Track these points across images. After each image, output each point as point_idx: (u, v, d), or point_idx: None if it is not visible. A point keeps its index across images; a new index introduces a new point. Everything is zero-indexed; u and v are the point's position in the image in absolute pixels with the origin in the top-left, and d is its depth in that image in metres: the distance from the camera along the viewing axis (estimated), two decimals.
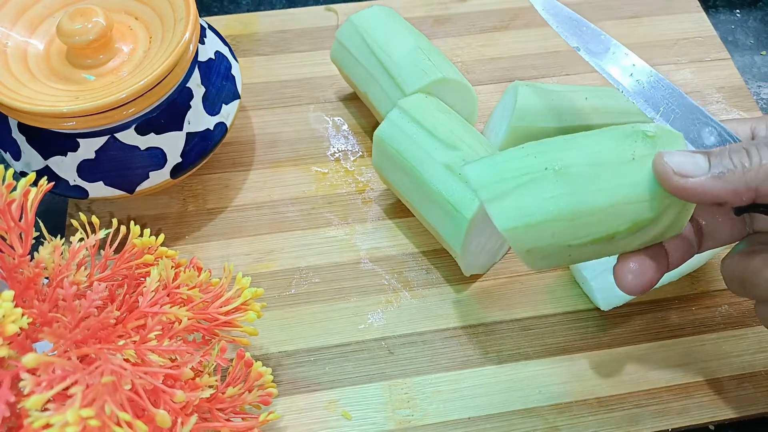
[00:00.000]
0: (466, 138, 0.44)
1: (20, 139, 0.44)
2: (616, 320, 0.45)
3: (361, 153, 0.53)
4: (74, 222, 0.39)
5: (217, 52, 0.48)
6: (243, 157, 0.53)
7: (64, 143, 0.43)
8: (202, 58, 0.46)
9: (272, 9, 0.64)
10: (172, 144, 0.44)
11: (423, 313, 0.45)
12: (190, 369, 0.33)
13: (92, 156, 0.43)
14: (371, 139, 0.51)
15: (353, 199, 0.51)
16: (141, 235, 0.39)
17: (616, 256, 0.37)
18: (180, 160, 0.45)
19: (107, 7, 0.44)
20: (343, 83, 0.57)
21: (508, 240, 0.34)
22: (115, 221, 0.40)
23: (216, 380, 0.36)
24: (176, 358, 0.34)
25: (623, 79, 0.39)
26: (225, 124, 0.47)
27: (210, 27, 0.50)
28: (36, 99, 0.40)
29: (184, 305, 0.36)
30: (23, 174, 0.44)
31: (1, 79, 0.41)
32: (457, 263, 0.46)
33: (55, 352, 0.32)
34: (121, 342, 0.33)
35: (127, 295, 0.37)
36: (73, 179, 0.44)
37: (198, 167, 0.47)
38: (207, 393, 0.34)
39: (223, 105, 0.47)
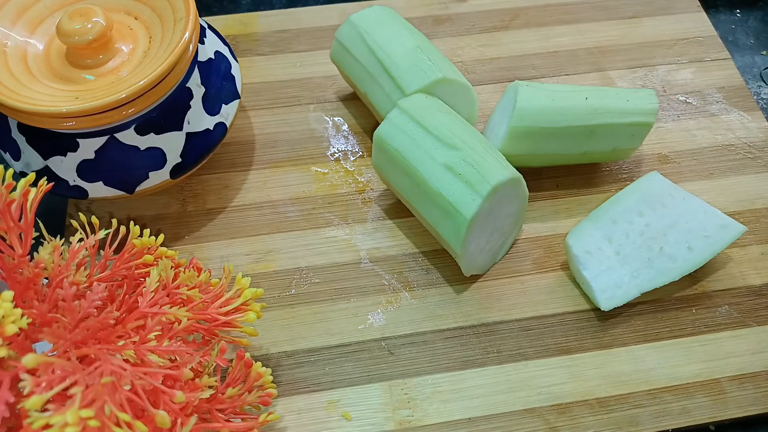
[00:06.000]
0: (466, 138, 0.44)
1: (20, 140, 0.44)
2: (616, 320, 0.45)
3: (361, 153, 0.53)
4: (74, 222, 0.39)
5: (216, 52, 0.48)
6: (243, 157, 0.53)
7: (64, 143, 0.43)
8: (201, 58, 0.46)
9: (272, 9, 0.64)
10: (172, 144, 0.44)
11: (423, 314, 0.45)
12: (190, 369, 0.33)
13: (92, 156, 0.43)
14: (371, 139, 0.51)
15: (353, 199, 0.50)
16: (141, 235, 0.39)
17: (615, 257, 0.39)
18: (180, 160, 0.45)
19: (107, 7, 0.44)
20: (343, 83, 0.57)
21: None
22: (114, 221, 0.40)
23: (216, 381, 0.36)
24: (176, 359, 0.34)
25: None
26: (225, 124, 0.47)
27: (210, 27, 0.49)
28: (36, 99, 0.40)
29: (184, 305, 0.36)
30: (23, 174, 0.44)
31: (0, 79, 0.41)
32: (457, 263, 0.46)
33: (55, 353, 0.32)
34: (121, 342, 0.33)
35: (127, 296, 0.37)
36: (73, 179, 0.44)
37: (198, 167, 0.47)
38: (207, 393, 0.34)
39: (223, 105, 0.47)
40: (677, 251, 0.43)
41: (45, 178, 0.38)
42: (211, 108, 0.46)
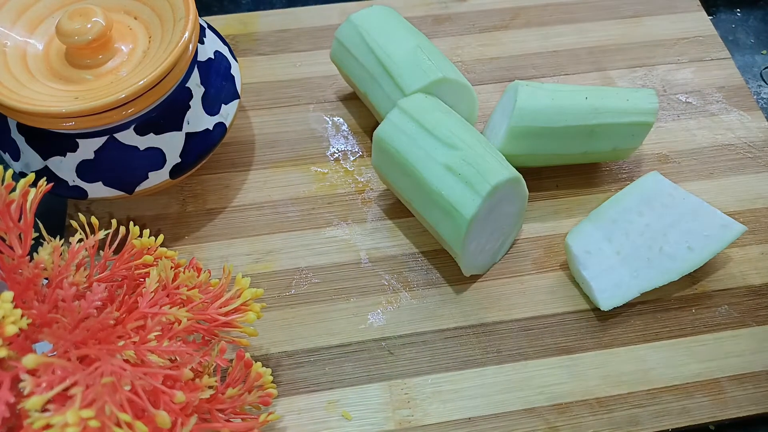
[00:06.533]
0: (466, 138, 0.44)
1: (19, 140, 0.44)
2: (616, 320, 0.45)
3: (361, 153, 0.53)
4: (73, 222, 0.39)
5: (216, 52, 0.48)
6: (242, 158, 0.53)
7: (64, 143, 0.43)
8: (201, 57, 0.46)
9: (272, 8, 0.64)
10: (172, 144, 0.44)
11: (423, 313, 0.45)
12: (190, 370, 0.33)
13: (91, 156, 0.43)
14: (371, 139, 0.51)
15: (353, 199, 0.50)
16: (140, 235, 0.39)
17: (615, 257, 0.40)
18: (179, 160, 0.45)
19: (106, 6, 0.44)
20: (343, 83, 0.57)
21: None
22: (114, 222, 0.40)
23: (216, 381, 0.36)
24: (176, 359, 0.34)
25: None
26: (224, 124, 0.47)
27: (209, 26, 0.49)
28: (35, 99, 0.40)
29: (184, 306, 0.36)
30: (22, 174, 0.44)
31: (0, 79, 0.41)
32: (457, 263, 0.46)
33: (55, 353, 0.32)
34: (121, 343, 0.33)
35: (127, 296, 0.37)
36: (73, 180, 0.44)
37: (197, 167, 0.47)
38: (207, 394, 0.34)
39: (223, 105, 0.47)
40: (677, 251, 0.43)
41: (44, 178, 0.38)
42: (211, 108, 0.46)
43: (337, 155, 0.53)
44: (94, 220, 0.39)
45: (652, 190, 0.45)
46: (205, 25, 0.49)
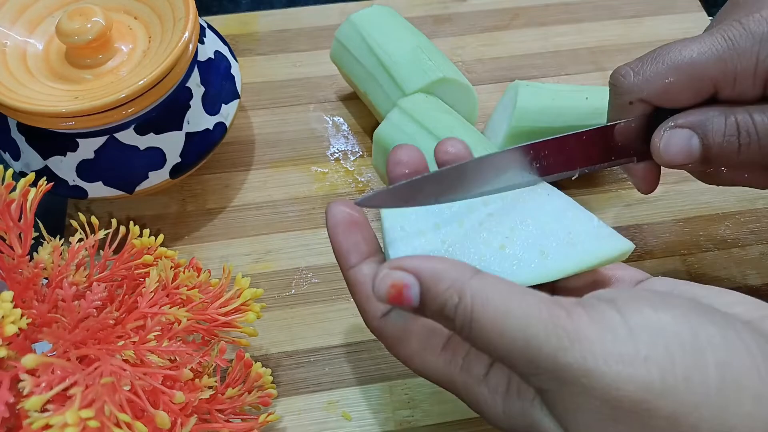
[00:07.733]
0: (466, 138, 0.43)
1: (19, 139, 0.44)
2: None
3: (361, 153, 0.53)
4: (73, 222, 0.39)
5: (216, 52, 0.48)
6: (242, 157, 0.53)
7: (64, 143, 0.43)
8: (201, 57, 0.46)
9: (272, 8, 0.64)
10: (172, 144, 0.44)
11: None
12: (190, 370, 0.33)
13: (91, 156, 0.43)
14: (371, 139, 0.50)
15: (353, 199, 0.50)
16: (140, 235, 0.39)
17: (441, 246, 0.33)
18: (179, 160, 0.45)
19: (106, 6, 0.44)
20: (343, 83, 0.57)
21: None
22: (114, 221, 0.40)
23: (215, 381, 0.36)
24: (176, 359, 0.34)
25: None
26: (224, 124, 0.47)
27: (209, 26, 0.49)
28: (35, 99, 0.40)
29: (184, 306, 0.36)
30: (22, 174, 0.44)
31: (0, 79, 0.41)
32: None
33: (55, 353, 0.32)
34: (121, 343, 0.33)
35: (127, 296, 0.37)
36: (73, 179, 0.43)
37: (197, 167, 0.47)
38: (206, 394, 0.34)
39: (223, 105, 0.47)
40: (524, 254, 0.31)
41: (44, 178, 0.38)
42: (211, 108, 0.46)
43: (337, 155, 0.53)
44: (94, 219, 0.39)
45: None
46: (205, 25, 0.49)
